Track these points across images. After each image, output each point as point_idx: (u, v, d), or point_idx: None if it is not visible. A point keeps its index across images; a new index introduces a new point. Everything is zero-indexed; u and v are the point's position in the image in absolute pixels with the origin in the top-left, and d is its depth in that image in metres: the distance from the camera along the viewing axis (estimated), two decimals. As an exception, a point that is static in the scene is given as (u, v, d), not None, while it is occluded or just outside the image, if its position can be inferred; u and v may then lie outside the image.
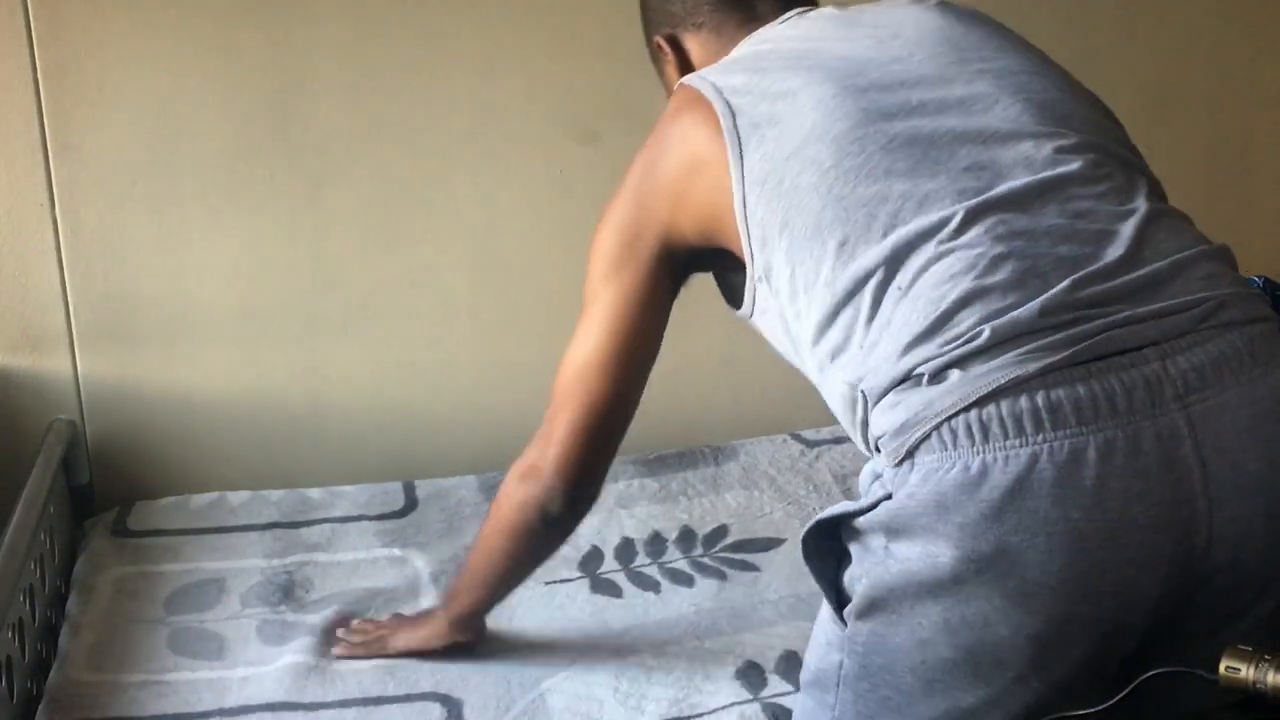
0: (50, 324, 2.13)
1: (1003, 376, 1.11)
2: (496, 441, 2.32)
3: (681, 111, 1.37)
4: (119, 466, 2.20)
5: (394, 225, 2.24)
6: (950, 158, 1.22)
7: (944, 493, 1.12)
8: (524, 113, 2.24)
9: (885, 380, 1.18)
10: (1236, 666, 1.11)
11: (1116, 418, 1.10)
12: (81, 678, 1.65)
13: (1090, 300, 1.14)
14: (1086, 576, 1.11)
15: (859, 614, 1.21)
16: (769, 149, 1.26)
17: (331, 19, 2.14)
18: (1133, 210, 1.21)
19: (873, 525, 1.19)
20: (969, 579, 1.12)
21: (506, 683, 1.63)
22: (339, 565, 1.95)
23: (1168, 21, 2.51)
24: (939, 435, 1.13)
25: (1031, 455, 1.10)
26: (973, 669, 1.16)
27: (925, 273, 1.17)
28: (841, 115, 1.25)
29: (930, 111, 1.25)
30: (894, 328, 1.18)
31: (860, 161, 1.22)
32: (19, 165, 2.07)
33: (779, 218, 1.25)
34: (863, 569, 1.20)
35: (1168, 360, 1.13)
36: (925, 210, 1.20)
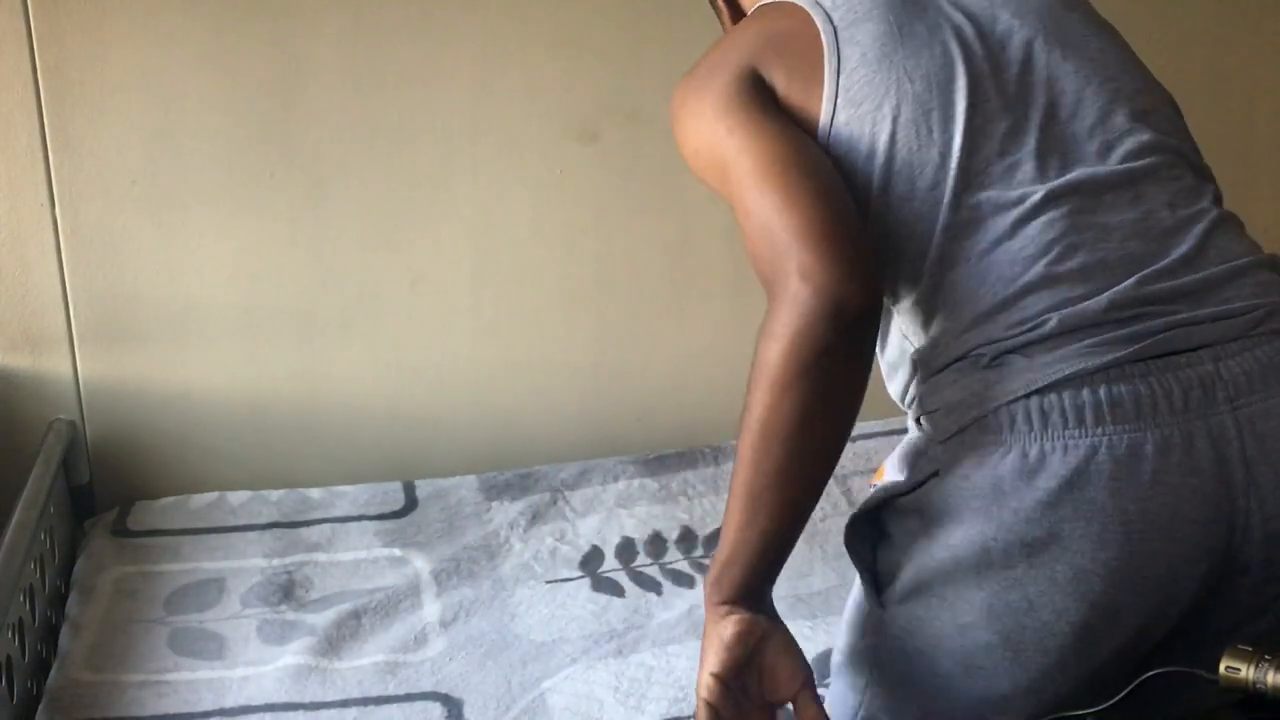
0: (50, 324, 2.14)
1: (1068, 367, 1.13)
2: (496, 441, 2.33)
3: (768, 10, 1.29)
4: (119, 466, 2.20)
5: (394, 225, 2.24)
6: (1038, 132, 1.22)
7: (1001, 477, 1.13)
8: (524, 113, 2.24)
9: (943, 355, 1.19)
10: (1236, 666, 1.11)
11: (1174, 415, 1.13)
12: (81, 678, 1.65)
13: (1153, 297, 1.16)
14: (1136, 568, 1.13)
15: (901, 598, 1.21)
16: (869, 72, 1.22)
17: (331, 19, 2.14)
18: (1200, 213, 1.23)
19: (918, 505, 1.19)
20: (1019, 564, 1.14)
21: (507, 682, 1.63)
22: (339, 565, 1.95)
23: (1168, 21, 2.51)
24: (996, 418, 1.14)
25: (1091, 446, 1.12)
26: (1013, 654, 1.17)
27: (998, 248, 1.18)
28: (945, 62, 1.22)
29: (1025, 81, 1.24)
30: (959, 298, 1.18)
31: (957, 112, 1.21)
32: (19, 165, 2.07)
33: (866, 144, 1.21)
34: (905, 552, 1.21)
35: (1221, 363, 1.15)
36: (1006, 182, 1.20)
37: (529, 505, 2.09)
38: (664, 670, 1.63)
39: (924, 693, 1.22)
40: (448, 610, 1.80)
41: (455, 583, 1.88)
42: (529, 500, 2.10)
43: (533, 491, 2.13)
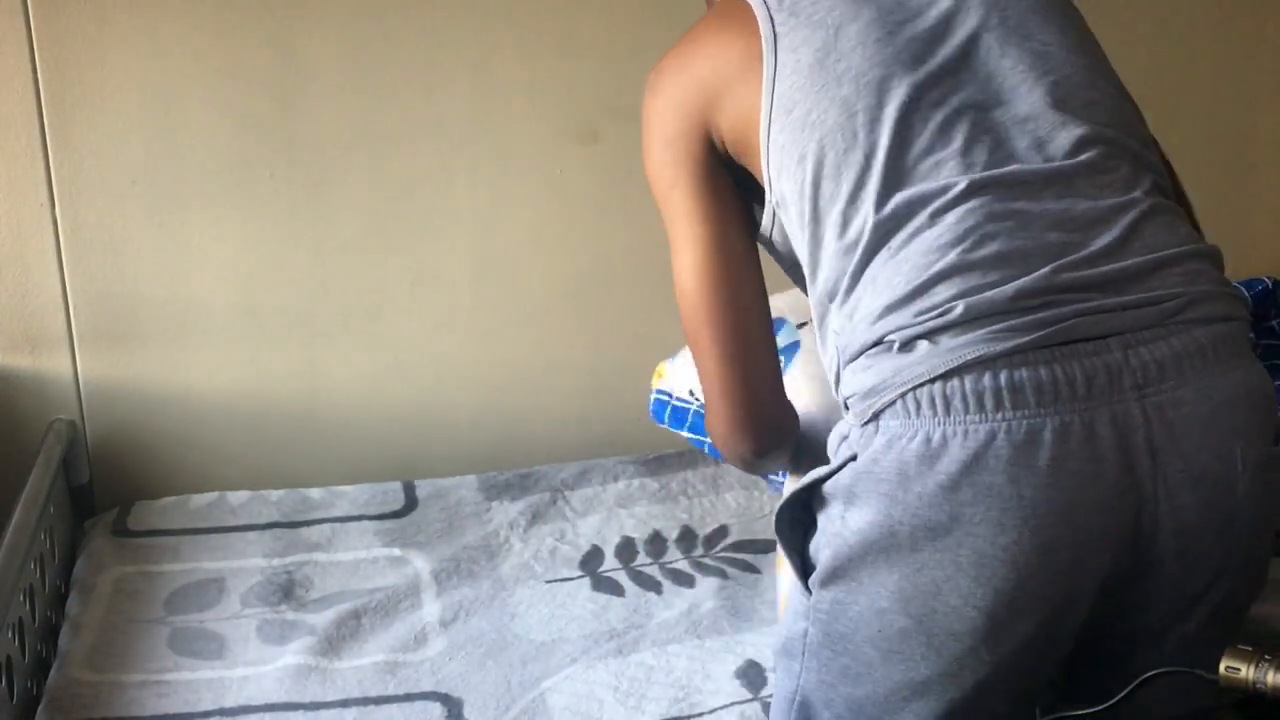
0: (50, 324, 2.14)
1: (970, 353, 1.14)
2: (496, 441, 2.33)
3: (722, 17, 1.34)
4: (119, 466, 2.20)
5: (394, 225, 2.24)
6: (967, 128, 1.23)
7: (906, 461, 1.15)
8: (524, 113, 2.24)
9: (860, 342, 1.21)
10: (1236, 666, 1.11)
11: (1075, 402, 1.13)
12: (81, 677, 1.65)
13: (1066, 286, 1.16)
14: (1036, 553, 1.14)
15: (822, 582, 1.24)
16: (802, 79, 1.26)
17: (331, 19, 2.14)
18: (1130, 203, 1.22)
19: (837, 490, 1.22)
20: (924, 547, 1.16)
21: (507, 682, 1.63)
22: (339, 565, 1.95)
23: (1168, 21, 2.51)
24: (904, 403, 1.16)
25: (990, 432, 1.13)
26: (926, 639, 1.19)
27: (916, 239, 1.19)
28: (880, 63, 1.24)
29: (960, 77, 1.25)
30: (877, 288, 1.20)
31: (888, 111, 1.23)
32: (19, 165, 2.07)
33: (799, 150, 1.25)
34: (825, 537, 1.24)
35: (1130, 351, 1.15)
36: (933, 176, 1.21)
37: (529, 505, 2.09)
38: (664, 670, 1.63)
39: (849, 677, 1.25)
40: (448, 610, 1.80)
41: (455, 582, 1.88)
42: (529, 500, 2.10)
43: (533, 491, 2.14)
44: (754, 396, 1.35)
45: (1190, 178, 2.79)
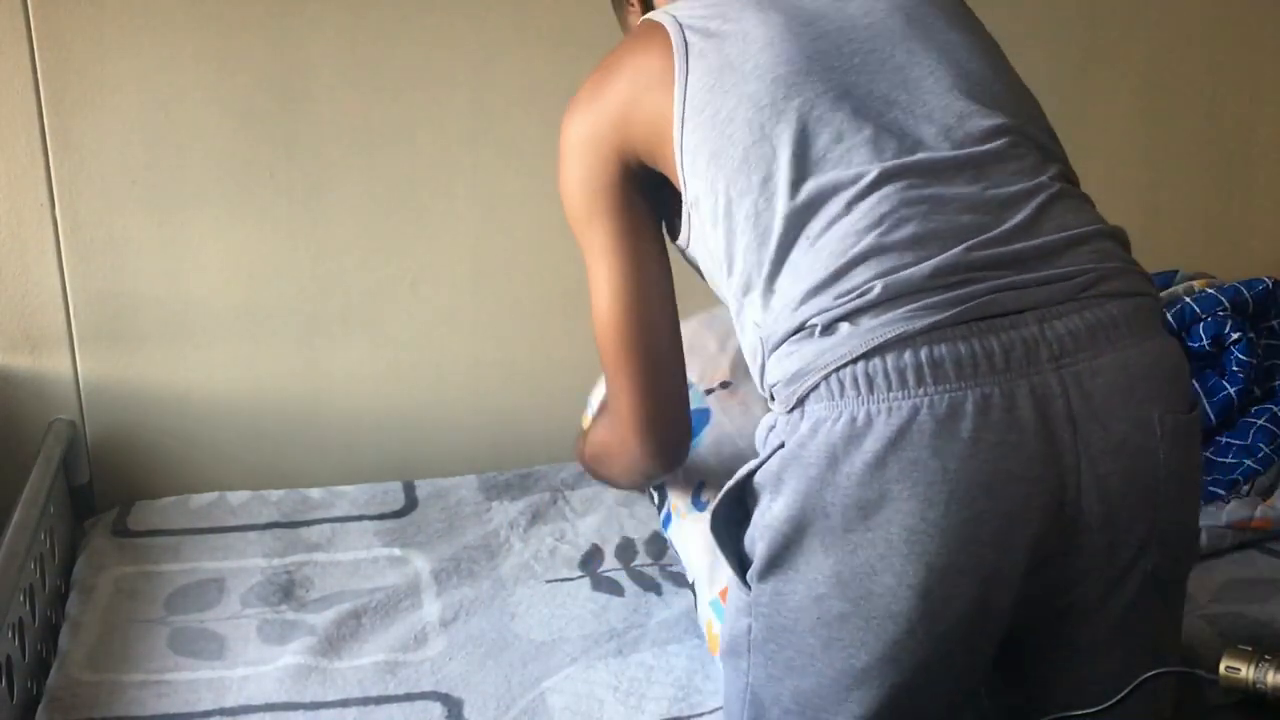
0: (50, 324, 2.14)
1: (890, 331, 1.16)
2: (496, 441, 2.33)
3: (637, 38, 1.39)
4: (119, 466, 2.20)
5: (394, 226, 2.24)
6: (877, 119, 1.26)
7: (834, 443, 1.17)
8: (524, 113, 2.24)
9: (782, 329, 1.23)
10: (1236, 666, 1.11)
11: (994, 375, 1.16)
12: (81, 677, 1.65)
13: (981, 263, 1.19)
14: (964, 525, 1.16)
15: (760, 574, 1.26)
16: (712, 80, 1.29)
17: (331, 20, 2.14)
18: (1039, 187, 1.26)
19: (766, 480, 1.23)
20: (856, 527, 1.18)
21: (507, 682, 1.63)
22: (339, 565, 1.95)
23: (1168, 21, 2.51)
24: (828, 385, 1.18)
25: (913, 407, 1.15)
26: (864, 622, 1.20)
27: (833, 226, 1.22)
28: (785, 60, 1.28)
29: (868, 72, 1.29)
30: (798, 276, 1.23)
31: (795, 105, 1.26)
32: (19, 165, 2.07)
33: (710, 148, 1.28)
34: (759, 529, 1.25)
35: (1045, 324, 1.18)
36: (844, 164, 1.24)
37: (529, 505, 2.09)
38: (664, 670, 1.63)
39: (794, 669, 1.26)
40: (448, 610, 1.80)
41: (455, 582, 1.88)
42: (529, 500, 2.10)
43: (533, 491, 2.14)
44: (663, 415, 1.43)
45: (1190, 178, 2.81)
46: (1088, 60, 2.48)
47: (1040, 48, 2.46)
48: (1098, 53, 2.49)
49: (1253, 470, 1.92)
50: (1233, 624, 1.63)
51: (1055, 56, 2.45)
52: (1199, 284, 2.11)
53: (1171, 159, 2.58)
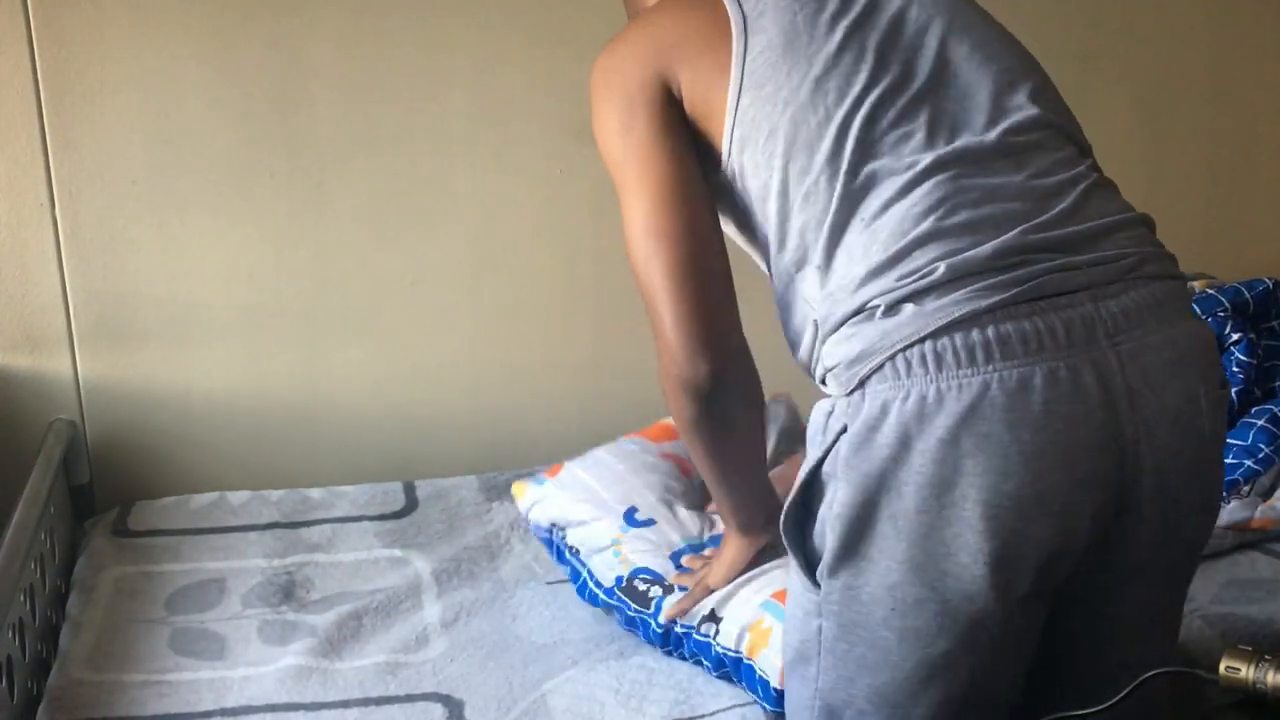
0: (50, 324, 2.14)
1: (957, 310, 1.19)
2: (496, 441, 2.33)
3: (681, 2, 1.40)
4: (119, 466, 2.20)
5: (394, 225, 2.24)
6: (929, 108, 1.30)
7: (905, 422, 1.19)
8: (524, 112, 2.24)
9: (841, 312, 1.24)
10: (1236, 666, 1.11)
11: (1058, 350, 1.19)
12: (82, 677, 1.65)
13: (1035, 246, 1.23)
14: (1037, 496, 1.18)
15: (831, 568, 1.25)
16: (774, 57, 1.32)
17: (331, 20, 2.14)
18: (1078, 176, 1.31)
19: (834, 468, 1.23)
20: (929, 507, 1.19)
21: (508, 683, 1.63)
22: (339, 565, 1.95)
23: (1168, 21, 2.51)
24: (893, 365, 1.19)
25: (983, 383, 1.17)
26: (941, 606, 1.21)
27: (889, 209, 1.25)
28: (846, 48, 1.32)
29: (918, 63, 1.33)
30: (853, 257, 1.25)
31: (854, 91, 1.29)
32: (19, 165, 2.07)
33: (769, 124, 1.31)
34: (828, 521, 1.25)
35: (1099, 303, 1.22)
36: (899, 150, 1.28)
37: (529, 505, 2.09)
38: (665, 672, 1.63)
39: (867, 666, 1.26)
40: (448, 611, 1.80)
41: (456, 583, 1.88)
42: (529, 500, 2.10)
43: (533, 491, 2.13)
44: (713, 324, 1.36)
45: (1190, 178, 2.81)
46: (1088, 60, 2.48)
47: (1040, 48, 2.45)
48: (1098, 53, 2.49)
49: (1253, 471, 1.92)
50: (1233, 624, 1.64)
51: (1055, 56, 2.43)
52: (1199, 285, 2.11)
53: (1171, 159, 2.58)
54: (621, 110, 1.37)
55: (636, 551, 1.72)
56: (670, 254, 1.34)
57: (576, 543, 1.79)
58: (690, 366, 1.36)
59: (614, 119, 1.38)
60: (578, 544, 1.79)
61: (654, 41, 1.37)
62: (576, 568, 1.77)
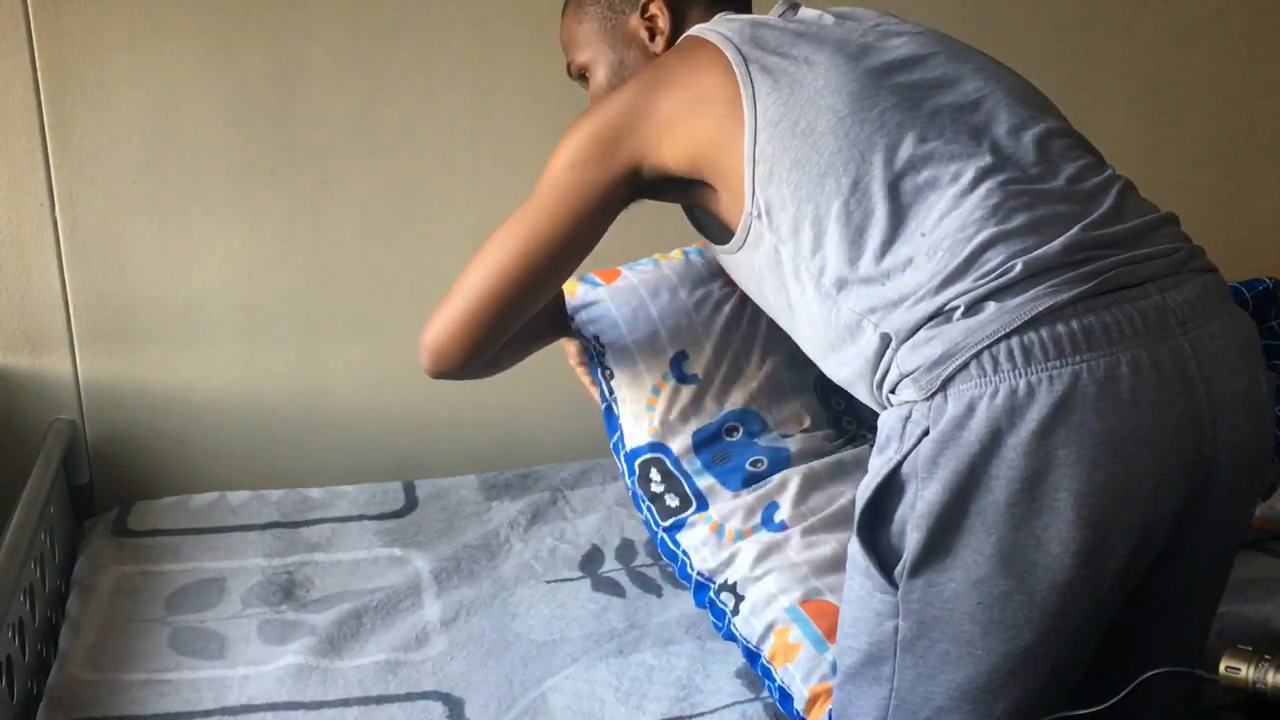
0: (50, 324, 2.14)
1: (1039, 305, 1.21)
2: (496, 441, 2.33)
3: (689, 51, 1.45)
4: (119, 466, 2.20)
5: (394, 225, 2.24)
6: (955, 124, 1.35)
7: (996, 418, 1.20)
8: (524, 112, 2.24)
9: (916, 317, 1.26)
10: (1236, 666, 1.12)
11: (1138, 339, 1.22)
12: (82, 677, 1.65)
13: (1096, 242, 1.27)
14: (1128, 482, 1.21)
15: (913, 568, 1.26)
16: (783, 95, 1.36)
17: (331, 19, 2.14)
18: (1110, 179, 1.36)
19: (916, 469, 1.24)
20: (1021, 500, 1.20)
21: (508, 682, 1.63)
22: (339, 565, 1.95)
23: (1168, 20, 2.51)
24: (979, 363, 1.21)
25: (1074, 374, 1.20)
26: (1029, 597, 1.22)
27: (946, 219, 1.28)
28: (854, 76, 1.37)
29: (929, 87, 1.38)
30: (918, 266, 1.27)
31: (875, 114, 1.34)
32: (19, 165, 2.07)
33: (791, 156, 1.34)
34: (909, 522, 1.25)
35: (1166, 294, 1.26)
36: (938, 164, 1.31)
37: (529, 505, 2.09)
38: (665, 670, 1.63)
39: (950, 661, 1.26)
40: (448, 610, 1.80)
41: (455, 582, 1.88)
42: (529, 500, 2.10)
43: (533, 491, 2.13)
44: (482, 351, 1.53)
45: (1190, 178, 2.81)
46: (1088, 60, 2.48)
47: (1040, 48, 2.46)
48: (1098, 53, 2.49)
49: (1253, 470, 1.92)
50: (1232, 624, 1.64)
51: (1055, 57, 2.45)
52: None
53: (1171, 159, 2.58)
54: (589, 150, 1.45)
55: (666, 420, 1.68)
56: (517, 284, 1.50)
57: (616, 386, 1.75)
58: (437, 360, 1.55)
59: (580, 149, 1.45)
60: (618, 387, 1.74)
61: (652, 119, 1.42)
62: (614, 418, 1.75)
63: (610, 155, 1.43)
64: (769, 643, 1.54)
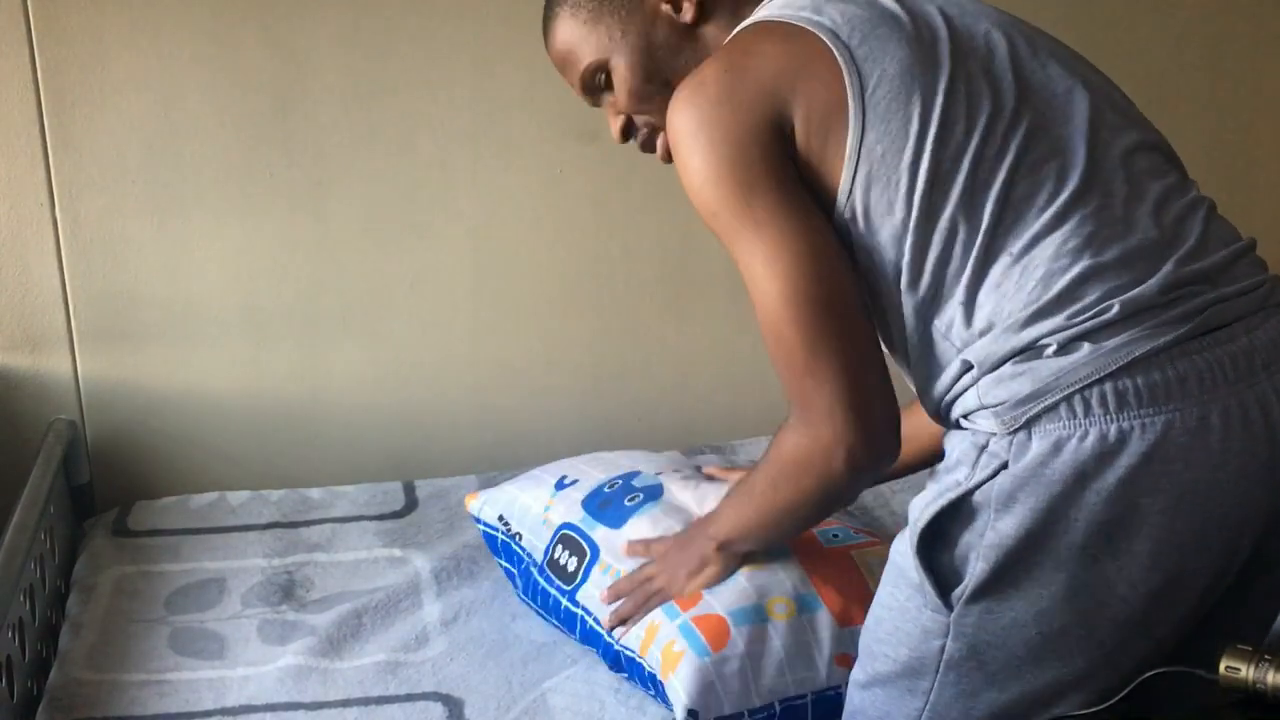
0: (50, 324, 2.14)
1: (1136, 350, 1.19)
2: (496, 441, 2.33)
3: (771, 33, 1.30)
4: (119, 466, 2.20)
5: (394, 225, 2.24)
6: (1050, 137, 1.28)
7: (1082, 461, 1.18)
8: (524, 112, 2.24)
9: (1003, 350, 1.23)
10: (1236, 666, 1.11)
11: (1229, 386, 1.20)
12: (82, 677, 1.65)
13: (1190, 278, 1.24)
14: (1208, 534, 1.20)
15: (971, 597, 1.24)
16: (893, 89, 1.25)
17: (331, 19, 2.14)
18: (1196, 202, 1.32)
19: (989, 499, 1.22)
20: (1097, 543, 1.19)
21: (508, 683, 1.63)
22: (339, 565, 1.95)
23: (1168, 21, 2.51)
24: (1069, 405, 1.19)
25: (1166, 422, 1.18)
26: (1087, 632, 1.22)
27: (1039, 243, 1.23)
28: (960, 77, 1.27)
29: (1023, 91, 1.29)
30: (1006, 294, 1.24)
31: (978, 124, 1.26)
32: (19, 165, 2.07)
33: (898, 160, 1.25)
34: (975, 549, 1.24)
35: (1251, 335, 1.24)
36: (1034, 182, 1.25)
37: (529, 505, 2.09)
38: (664, 670, 1.63)
39: (995, 682, 1.26)
40: (448, 610, 1.80)
41: (455, 583, 1.88)
42: (529, 500, 2.10)
43: (533, 491, 2.13)
44: (876, 400, 1.29)
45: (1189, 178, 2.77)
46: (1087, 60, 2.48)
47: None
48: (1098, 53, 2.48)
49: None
50: None
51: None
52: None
53: (1171, 159, 2.57)
54: (732, 162, 1.25)
55: (559, 510, 1.73)
56: (822, 320, 1.26)
57: (517, 527, 1.77)
58: (862, 464, 1.29)
59: (722, 170, 1.26)
60: (519, 529, 1.77)
61: (759, 78, 1.26)
62: (516, 556, 1.76)
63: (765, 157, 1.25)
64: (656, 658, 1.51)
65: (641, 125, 1.46)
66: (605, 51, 1.42)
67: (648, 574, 1.57)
